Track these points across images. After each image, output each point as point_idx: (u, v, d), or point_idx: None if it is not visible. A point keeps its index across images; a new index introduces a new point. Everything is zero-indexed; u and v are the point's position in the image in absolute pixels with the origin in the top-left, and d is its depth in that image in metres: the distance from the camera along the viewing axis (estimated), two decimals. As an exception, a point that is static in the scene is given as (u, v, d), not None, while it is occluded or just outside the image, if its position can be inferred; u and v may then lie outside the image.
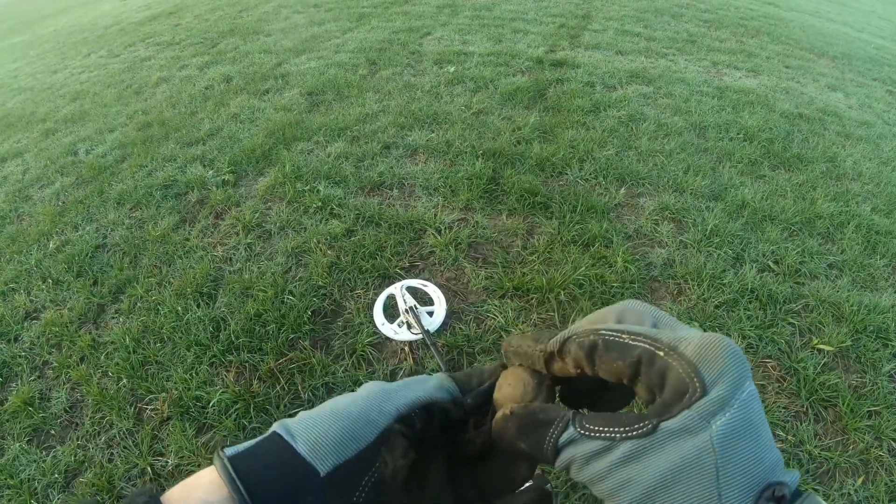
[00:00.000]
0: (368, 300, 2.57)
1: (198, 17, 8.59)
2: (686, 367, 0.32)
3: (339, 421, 0.40)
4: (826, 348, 2.32)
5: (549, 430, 0.37)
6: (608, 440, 0.33)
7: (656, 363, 0.34)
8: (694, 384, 0.31)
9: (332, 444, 0.39)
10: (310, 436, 0.39)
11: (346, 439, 0.39)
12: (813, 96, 5.01)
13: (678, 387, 0.32)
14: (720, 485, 0.29)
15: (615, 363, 0.35)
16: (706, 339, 0.33)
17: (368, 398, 0.42)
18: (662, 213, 3.08)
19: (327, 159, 3.70)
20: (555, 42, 5.81)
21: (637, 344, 0.35)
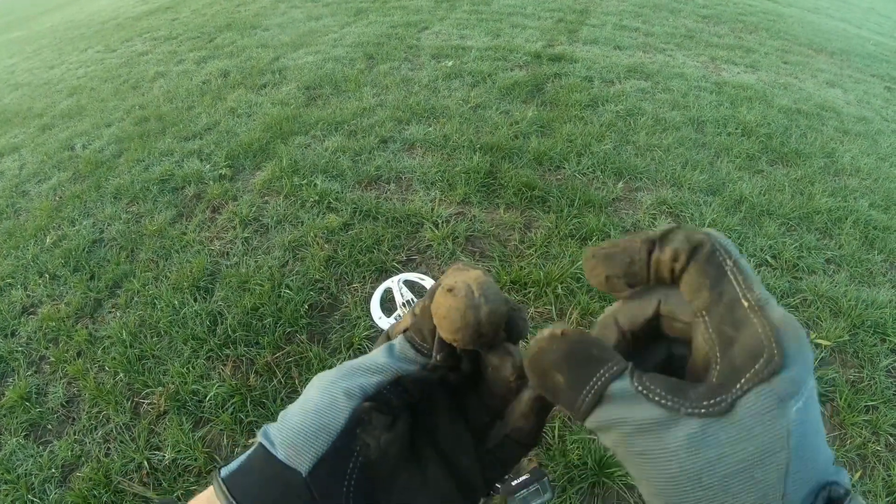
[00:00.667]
0: (365, 294, 2.57)
1: (195, 11, 8.56)
2: (767, 329, 0.27)
3: (308, 414, 0.37)
4: (824, 343, 2.32)
5: (599, 371, 0.30)
6: (670, 410, 0.28)
7: (737, 311, 0.29)
8: (772, 350, 0.27)
9: (305, 441, 0.36)
10: (285, 438, 0.37)
11: (317, 431, 0.37)
12: (811, 92, 5.01)
13: (753, 347, 0.27)
14: (787, 482, 0.26)
15: (703, 279, 0.30)
16: (788, 315, 0.28)
17: (333, 383, 0.38)
18: (660, 208, 3.07)
19: (324, 153, 3.69)
20: (553, 37, 5.79)
21: (732, 278, 0.29)
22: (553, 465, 1.87)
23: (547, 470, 1.82)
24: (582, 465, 1.87)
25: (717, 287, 0.29)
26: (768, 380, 0.26)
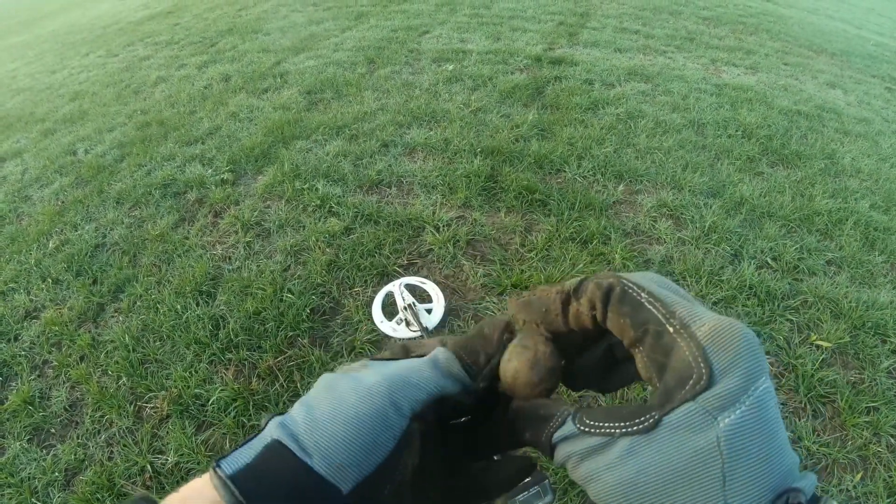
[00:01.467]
0: (367, 298, 2.58)
1: (196, 16, 8.59)
2: (694, 350, 0.29)
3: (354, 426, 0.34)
4: (824, 344, 2.33)
5: (548, 426, 0.35)
6: (607, 436, 0.31)
7: (663, 338, 0.31)
8: (700, 370, 0.29)
9: (353, 459, 0.34)
10: (327, 449, 0.33)
11: (369, 450, 0.34)
12: (811, 93, 5.02)
13: (682, 371, 0.29)
14: (727, 492, 0.27)
15: (624, 319, 0.33)
16: (721, 323, 0.30)
17: (380, 394, 0.36)
18: (661, 210, 3.08)
19: (326, 158, 3.70)
20: (553, 40, 5.80)
21: (651, 309, 0.32)
22: (554, 467, 1.87)
23: (548, 473, 1.82)
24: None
25: (639, 321, 0.32)
26: (693, 399, 0.29)
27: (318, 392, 0.38)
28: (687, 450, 0.28)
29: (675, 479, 0.28)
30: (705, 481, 0.27)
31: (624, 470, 0.30)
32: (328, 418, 0.35)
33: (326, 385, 0.38)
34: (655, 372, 0.32)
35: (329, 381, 0.39)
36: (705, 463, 0.27)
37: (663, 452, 0.29)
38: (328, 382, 0.38)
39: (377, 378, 0.37)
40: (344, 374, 0.39)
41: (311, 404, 0.36)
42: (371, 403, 0.36)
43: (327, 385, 0.38)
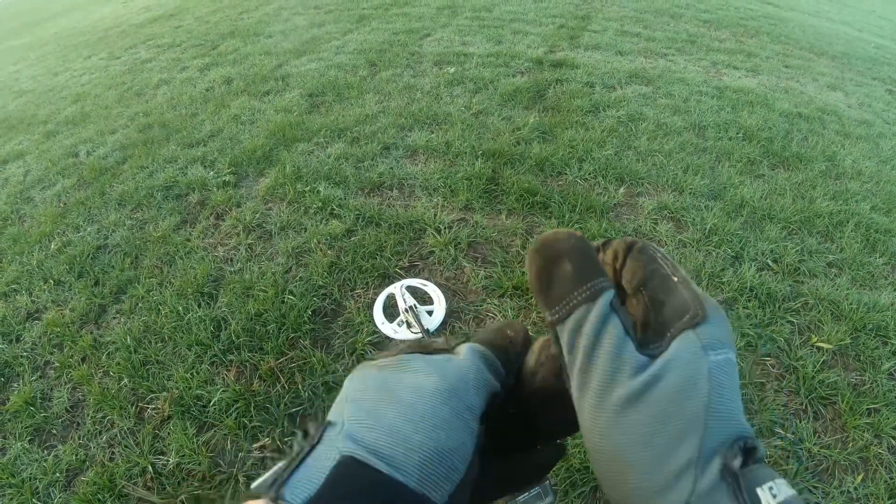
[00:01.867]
0: (368, 299, 2.58)
1: (198, 19, 8.61)
2: (693, 296, 0.33)
3: (445, 433, 0.32)
4: (825, 346, 2.33)
5: (600, 277, 0.34)
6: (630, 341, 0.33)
7: (667, 282, 0.34)
8: (696, 309, 0.32)
9: (446, 466, 0.31)
10: (415, 461, 0.30)
11: (458, 454, 0.32)
12: (812, 95, 5.02)
13: (680, 307, 0.33)
14: (708, 417, 0.29)
15: (638, 263, 0.36)
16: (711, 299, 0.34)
17: (454, 395, 0.34)
18: (661, 213, 3.08)
19: (327, 160, 3.71)
20: (554, 43, 5.81)
21: (662, 262, 0.36)
22: (555, 468, 1.87)
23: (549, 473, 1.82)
24: (584, 468, 1.87)
25: (650, 267, 0.36)
26: (693, 328, 0.32)
27: (372, 394, 0.34)
28: (687, 369, 0.31)
29: (676, 395, 0.30)
30: (695, 401, 0.30)
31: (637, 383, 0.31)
32: (408, 424, 0.31)
33: (379, 386, 0.34)
34: (653, 309, 0.34)
35: (379, 381, 0.35)
36: (697, 382, 0.30)
37: (670, 371, 0.31)
38: (379, 383, 0.35)
39: (438, 379, 0.35)
40: (392, 373, 0.36)
41: (373, 410, 0.32)
42: (453, 404, 0.34)
43: (381, 386, 0.34)
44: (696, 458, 0.29)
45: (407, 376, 0.35)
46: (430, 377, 0.35)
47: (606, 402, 0.32)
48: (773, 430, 2.02)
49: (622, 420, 0.31)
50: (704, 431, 0.30)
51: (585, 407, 0.33)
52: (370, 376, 0.36)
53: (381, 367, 0.36)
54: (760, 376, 2.21)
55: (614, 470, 0.31)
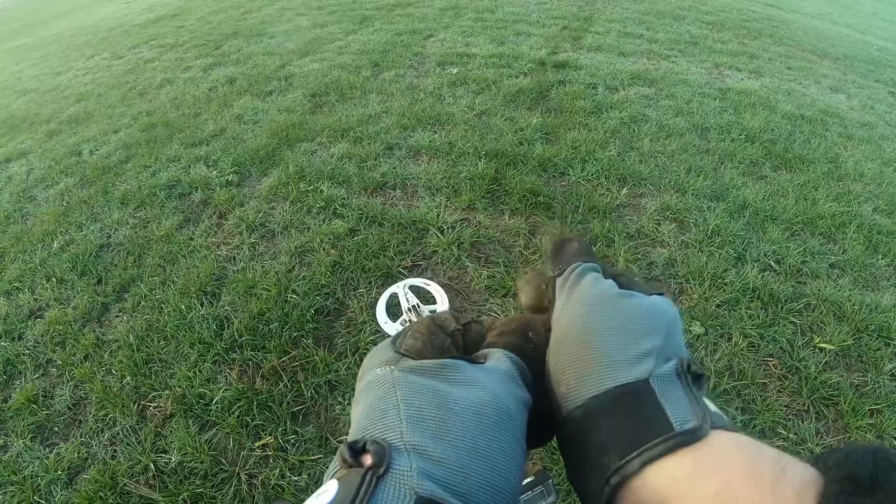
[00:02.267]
0: (371, 299, 2.58)
1: (201, 19, 8.63)
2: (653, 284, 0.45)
3: (511, 464, 0.33)
4: (827, 347, 2.33)
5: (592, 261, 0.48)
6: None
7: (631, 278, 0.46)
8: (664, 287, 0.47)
9: (509, 497, 0.32)
10: (493, 499, 0.31)
11: (517, 480, 0.34)
12: (815, 97, 5.02)
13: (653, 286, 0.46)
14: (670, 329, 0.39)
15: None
16: None
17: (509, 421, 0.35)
18: (664, 214, 3.08)
19: (330, 160, 3.71)
20: (557, 44, 5.82)
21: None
22: (558, 468, 1.87)
23: (551, 472, 1.82)
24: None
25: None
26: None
27: (431, 415, 0.33)
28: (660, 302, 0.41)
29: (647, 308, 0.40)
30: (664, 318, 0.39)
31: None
32: (476, 459, 0.31)
33: (436, 404, 0.34)
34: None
35: (433, 396, 0.34)
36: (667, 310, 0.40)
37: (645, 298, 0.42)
38: (435, 400, 0.34)
39: (493, 401, 0.35)
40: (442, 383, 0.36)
41: (438, 437, 0.32)
42: (511, 433, 0.34)
43: (438, 404, 0.34)
44: (658, 350, 0.36)
45: (459, 391, 0.35)
46: (484, 398, 0.35)
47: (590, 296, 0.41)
48: (776, 431, 2.02)
49: (602, 309, 0.39)
50: (666, 338, 0.37)
51: (570, 304, 0.42)
52: (420, 388, 0.35)
53: (424, 373, 0.36)
54: (763, 377, 2.21)
55: (584, 347, 0.37)
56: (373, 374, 0.38)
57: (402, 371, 0.37)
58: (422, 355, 0.39)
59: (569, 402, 0.36)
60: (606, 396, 0.34)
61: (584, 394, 0.35)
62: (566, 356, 0.38)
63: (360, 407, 0.36)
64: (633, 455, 0.31)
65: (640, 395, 0.33)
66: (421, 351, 0.40)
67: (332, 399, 2.17)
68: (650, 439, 0.31)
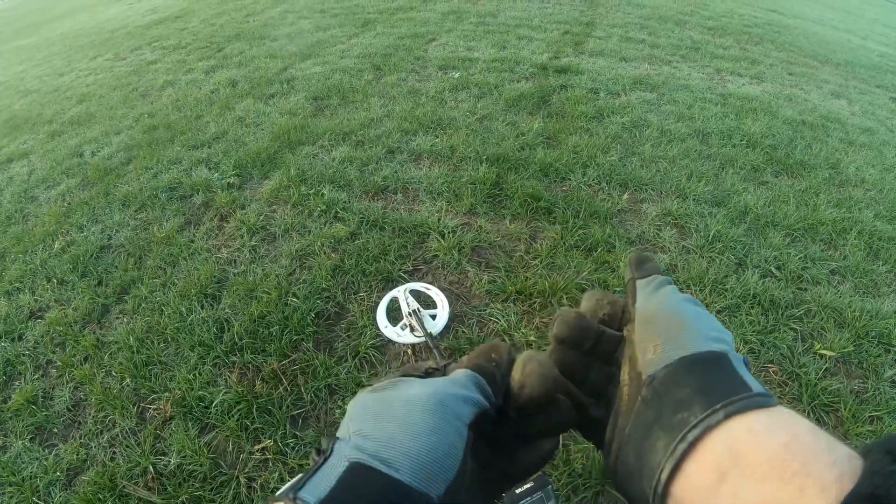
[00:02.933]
0: (371, 303, 2.58)
1: (204, 21, 8.64)
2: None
3: (437, 437, 0.36)
4: (828, 354, 2.32)
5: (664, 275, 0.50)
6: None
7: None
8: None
9: (439, 465, 0.35)
10: (414, 461, 0.34)
11: (449, 455, 0.36)
12: (816, 103, 5.02)
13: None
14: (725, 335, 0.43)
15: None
16: None
17: (445, 405, 0.38)
18: (665, 219, 3.08)
19: (332, 163, 3.72)
20: (559, 49, 5.83)
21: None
22: (557, 473, 1.87)
23: (551, 479, 1.82)
24: (586, 474, 1.87)
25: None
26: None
27: (371, 411, 0.38)
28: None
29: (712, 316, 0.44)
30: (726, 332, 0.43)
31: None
32: (404, 432, 0.36)
33: (377, 402, 0.39)
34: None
35: (377, 399, 0.39)
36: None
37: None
38: (377, 401, 0.39)
39: (431, 392, 0.39)
40: (388, 391, 0.40)
41: (374, 423, 0.37)
42: (442, 414, 0.37)
43: (378, 403, 0.39)
44: (727, 340, 0.41)
45: (400, 392, 0.39)
46: (423, 393, 0.39)
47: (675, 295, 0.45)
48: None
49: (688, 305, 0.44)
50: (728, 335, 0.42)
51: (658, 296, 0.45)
52: (369, 398, 0.39)
53: (377, 389, 0.41)
54: (763, 383, 2.20)
55: (675, 322, 0.42)
56: None
57: (360, 393, 0.41)
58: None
59: (655, 364, 0.40)
60: (695, 357, 0.38)
61: (674, 355, 0.39)
62: (656, 328, 0.42)
63: None
64: (720, 406, 0.34)
65: (723, 362, 0.38)
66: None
67: (331, 403, 2.17)
68: (734, 394, 0.35)
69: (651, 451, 0.36)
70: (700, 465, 0.34)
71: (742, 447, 0.32)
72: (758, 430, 0.33)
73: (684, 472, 0.34)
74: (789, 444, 0.31)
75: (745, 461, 0.32)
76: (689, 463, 0.34)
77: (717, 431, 0.34)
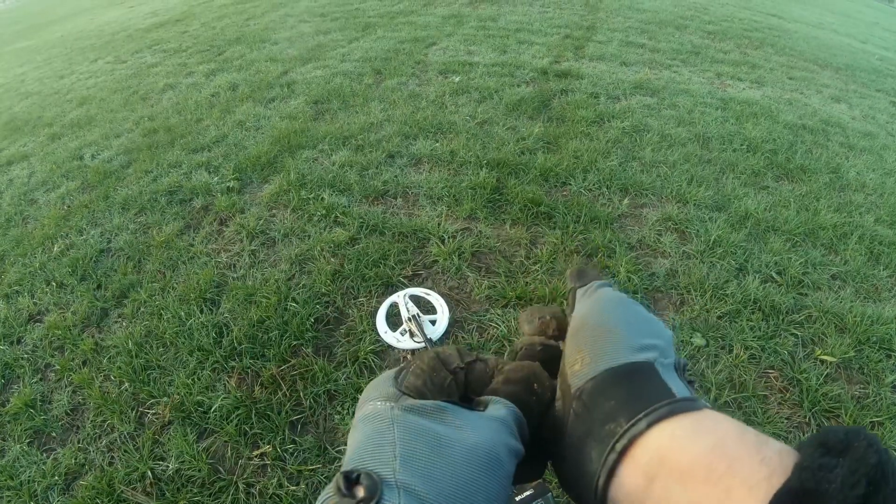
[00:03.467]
0: (371, 308, 2.58)
1: (205, 24, 8.65)
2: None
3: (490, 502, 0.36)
4: (829, 359, 2.32)
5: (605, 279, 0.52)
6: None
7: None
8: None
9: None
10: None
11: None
12: (816, 107, 5.02)
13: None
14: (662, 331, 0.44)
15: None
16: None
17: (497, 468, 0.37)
18: (666, 224, 3.08)
19: (332, 167, 3.71)
20: (559, 53, 5.83)
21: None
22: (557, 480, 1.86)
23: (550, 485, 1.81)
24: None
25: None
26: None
27: (424, 454, 0.35)
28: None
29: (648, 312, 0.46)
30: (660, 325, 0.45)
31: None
32: (457, 496, 0.34)
33: (430, 444, 0.36)
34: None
35: (428, 437, 0.36)
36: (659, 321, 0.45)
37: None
38: (429, 441, 0.36)
39: (486, 447, 0.37)
40: (437, 425, 0.38)
41: (428, 475, 0.34)
42: (497, 479, 0.36)
43: (432, 444, 0.36)
44: (661, 349, 0.41)
45: (454, 435, 0.37)
46: (477, 444, 0.37)
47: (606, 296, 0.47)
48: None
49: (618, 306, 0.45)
50: (666, 343, 0.42)
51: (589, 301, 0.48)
52: (417, 428, 0.37)
53: (422, 414, 0.38)
54: (764, 389, 2.20)
55: (601, 332, 0.42)
56: (373, 406, 0.40)
57: (402, 410, 0.38)
58: (421, 394, 0.41)
59: (582, 377, 0.40)
60: (619, 369, 0.39)
61: (600, 367, 0.40)
62: (583, 339, 0.43)
63: (357, 436, 0.38)
64: (642, 415, 0.35)
65: (647, 371, 0.39)
66: (421, 389, 0.41)
67: (330, 409, 2.16)
68: (657, 401, 0.36)
69: (587, 461, 0.37)
70: (631, 471, 0.35)
71: (667, 453, 0.33)
72: (680, 436, 0.34)
73: (618, 479, 0.35)
74: (715, 446, 0.32)
75: (670, 466, 0.33)
76: (621, 470, 0.35)
77: (642, 440, 0.35)
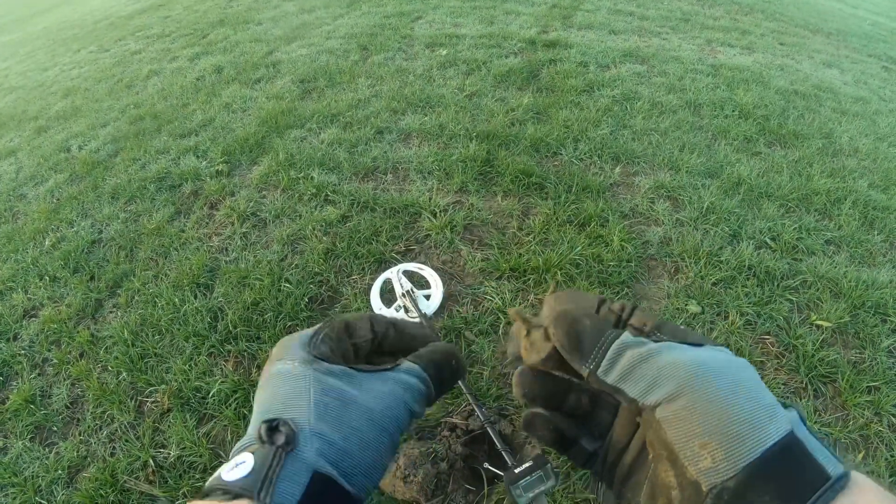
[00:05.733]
0: (365, 285, 2.57)
1: (187, 8, 8.52)
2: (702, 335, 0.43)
3: (387, 452, 0.42)
4: (824, 324, 2.32)
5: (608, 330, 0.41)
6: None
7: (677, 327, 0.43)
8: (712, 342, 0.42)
9: (378, 477, 0.41)
10: (364, 479, 0.40)
11: (384, 468, 0.42)
12: (808, 73, 4.99)
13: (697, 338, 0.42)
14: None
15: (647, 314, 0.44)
16: None
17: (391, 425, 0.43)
18: (658, 192, 3.07)
19: (321, 146, 3.68)
20: (547, 23, 5.77)
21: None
22: (556, 452, 1.87)
23: (550, 457, 1.82)
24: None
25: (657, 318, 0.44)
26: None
27: (334, 411, 0.41)
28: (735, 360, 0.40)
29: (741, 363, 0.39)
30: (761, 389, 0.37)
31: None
32: (361, 447, 0.40)
33: (338, 400, 0.41)
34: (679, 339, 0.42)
35: (338, 394, 0.42)
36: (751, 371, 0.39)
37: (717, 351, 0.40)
38: (338, 397, 0.41)
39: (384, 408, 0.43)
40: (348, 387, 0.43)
41: (335, 426, 0.40)
42: (390, 434, 0.42)
43: (339, 401, 0.41)
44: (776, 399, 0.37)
45: (360, 396, 0.42)
46: (377, 405, 0.42)
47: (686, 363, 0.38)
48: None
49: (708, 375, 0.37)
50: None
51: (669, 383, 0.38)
52: (329, 387, 0.42)
53: (333, 375, 0.43)
54: (760, 355, 2.21)
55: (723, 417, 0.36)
56: (287, 367, 0.44)
57: (317, 371, 0.43)
58: (328, 359, 0.45)
59: (718, 474, 0.35)
60: (761, 461, 0.34)
61: (739, 463, 0.34)
62: (703, 429, 0.36)
63: (272, 390, 0.42)
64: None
65: (792, 449, 0.34)
66: (327, 355, 0.45)
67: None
68: (812, 491, 0.33)
69: None
70: None
71: None
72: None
73: None
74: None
75: None
76: None
77: None
